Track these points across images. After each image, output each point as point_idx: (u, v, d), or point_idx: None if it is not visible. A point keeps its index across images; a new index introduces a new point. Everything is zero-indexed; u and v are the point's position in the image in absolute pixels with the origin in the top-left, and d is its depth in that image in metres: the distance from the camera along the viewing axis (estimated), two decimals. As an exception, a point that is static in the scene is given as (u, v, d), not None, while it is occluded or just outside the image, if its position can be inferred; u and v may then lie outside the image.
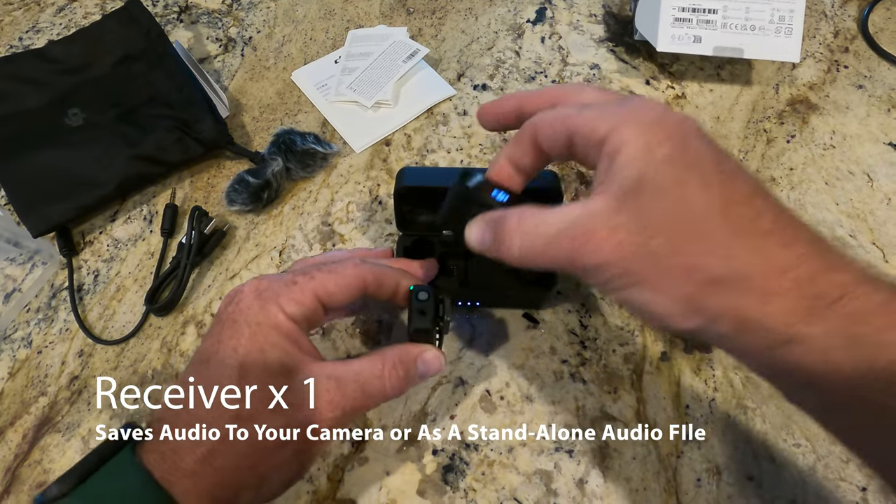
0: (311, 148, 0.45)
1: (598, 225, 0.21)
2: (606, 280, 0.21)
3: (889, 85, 0.49)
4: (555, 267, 0.23)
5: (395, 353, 0.27)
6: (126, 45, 0.48)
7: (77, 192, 0.42)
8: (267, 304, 0.25)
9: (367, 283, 0.28)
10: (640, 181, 0.20)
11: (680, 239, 0.20)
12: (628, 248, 0.20)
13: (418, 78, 0.51)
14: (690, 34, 0.47)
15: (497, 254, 0.25)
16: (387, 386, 0.26)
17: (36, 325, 0.41)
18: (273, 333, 0.24)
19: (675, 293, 0.20)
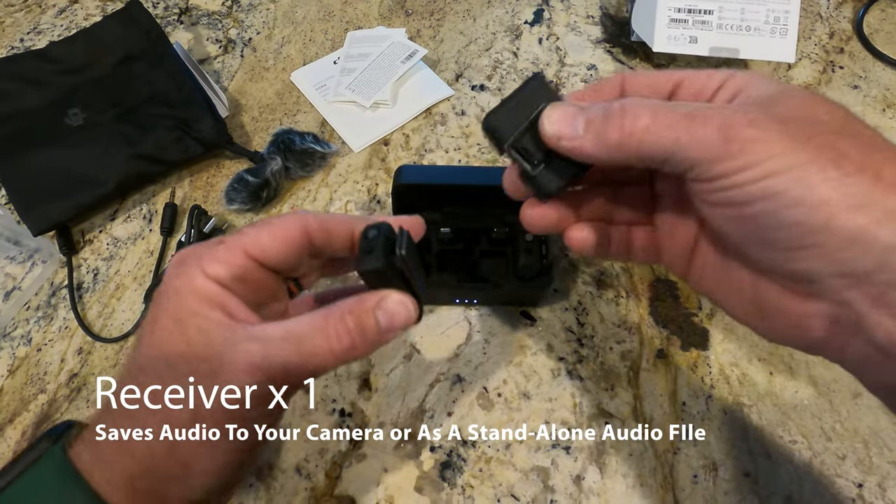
0: (309, 147, 0.45)
1: (755, 108, 0.18)
2: (759, 160, 0.17)
3: (884, 85, 0.50)
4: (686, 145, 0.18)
5: (346, 304, 0.22)
6: (126, 45, 0.48)
7: (77, 190, 0.43)
8: (188, 269, 0.21)
9: (311, 230, 0.23)
10: (782, 94, 0.19)
11: (841, 132, 0.18)
12: (794, 128, 0.18)
13: (417, 78, 0.51)
14: (686, 35, 0.47)
15: (600, 133, 0.20)
16: (332, 341, 0.21)
17: (35, 323, 0.41)
18: (190, 299, 0.21)
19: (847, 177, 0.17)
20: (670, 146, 0.19)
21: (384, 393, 0.37)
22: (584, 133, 0.20)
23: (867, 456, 0.34)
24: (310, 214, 0.24)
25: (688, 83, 0.22)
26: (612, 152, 0.20)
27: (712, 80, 0.21)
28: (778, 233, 0.18)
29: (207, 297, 0.21)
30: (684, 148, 0.18)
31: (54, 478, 0.20)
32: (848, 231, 0.17)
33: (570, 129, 0.20)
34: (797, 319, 0.19)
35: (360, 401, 0.37)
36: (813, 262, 0.18)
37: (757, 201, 0.18)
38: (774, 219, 0.18)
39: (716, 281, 0.23)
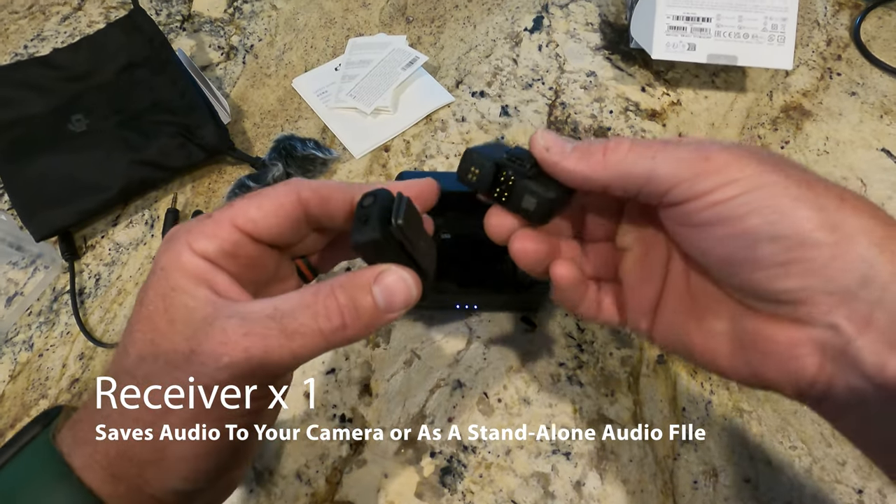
0: (311, 153, 0.46)
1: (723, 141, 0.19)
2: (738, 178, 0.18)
3: (881, 92, 0.50)
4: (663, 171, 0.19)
5: (340, 278, 0.20)
6: (130, 52, 0.49)
7: (80, 196, 0.43)
8: (174, 244, 0.20)
9: (305, 199, 0.21)
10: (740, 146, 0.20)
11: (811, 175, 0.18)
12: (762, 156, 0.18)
13: (417, 85, 0.52)
14: (685, 42, 0.47)
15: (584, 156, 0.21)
16: (321, 319, 0.19)
17: (37, 329, 0.41)
18: (176, 276, 0.19)
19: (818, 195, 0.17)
20: (650, 164, 0.19)
21: (384, 398, 0.37)
22: (571, 152, 0.21)
23: (867, 462, 0.34)
24: (305, 182, 0.22)
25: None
26: (595, 171, 0.20)
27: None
28: (763, 248, 0.18)
29: (193, 273, 0.20)
30: (664, 165, 0.19)
31: (39, 463, 0.20)
32: (828, 246, 0.17)
33: (559, 145, 0.21)
34: (786, 350, 0.19)
35: (361, 406, 0.37)
36: (800, 278, 0.18)
37: (740, 217, 0.18)
38: (757, 234, 0.18)
39: (687, 330, 0.22)
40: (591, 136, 0.49)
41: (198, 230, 0.20)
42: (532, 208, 0.22)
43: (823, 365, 0.18)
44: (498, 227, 0.24)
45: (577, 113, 0.50)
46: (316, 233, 0.23)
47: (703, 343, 0.22)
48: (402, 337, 0.39)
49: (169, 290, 0.19)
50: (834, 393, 0.18)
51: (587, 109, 0.50)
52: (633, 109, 0.50)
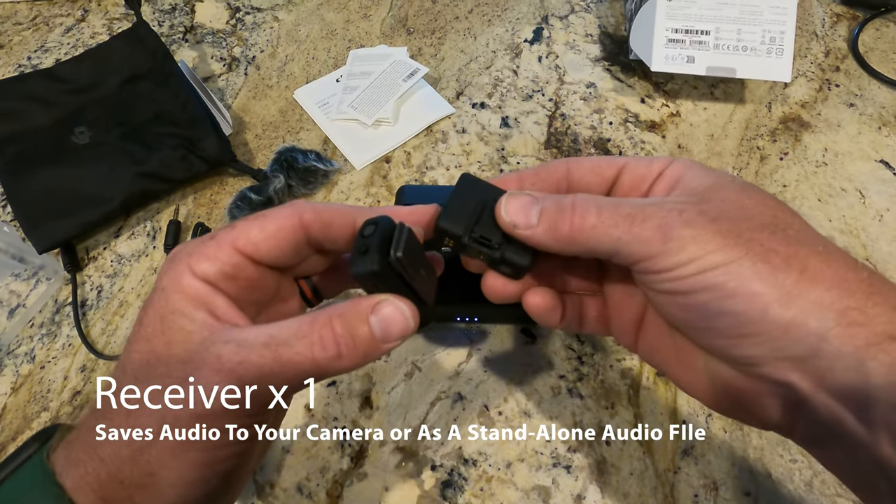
0: (312, 165, 0.46)
1: (689, 205, 0.20)
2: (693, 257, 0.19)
3: (879, 103, 0.51)
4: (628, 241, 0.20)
5: (337, 307, 0.19)
6: (133, 64, 0.49)
7: (82, 208, 0.43)
8: (176, 265, 0.20)
9: (307, 222, 0.21)
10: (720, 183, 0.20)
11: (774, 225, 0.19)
12: (725, 224, 0.19)
13: (418, 96, 0.52)
14: (684, 54, 0.48)
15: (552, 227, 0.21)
16: (316, 349, 0.19)
17: (39, 341, 0.41)
18: (175, 298, 0.19)
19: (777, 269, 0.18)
20: (615, 243, 0.20)
21: (385, 411, 0.37)
22: (537, 223, 0.21)
23: (867, 475, 0.34)
24: (307, 205, 0.21)
25: (629, 169, 0.23)
26: (562, 244, 0.21)
27: (652, 167, 0.22)
28: (718, 321, 0.19)
29: (193, 296, 0.20)
30: (627, 245, 0.20)
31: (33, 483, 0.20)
32: (781, 321, 0.18)
33: (525, 218, 0.21)
34: (751, 397, 0.20)
35: (362, 419, 0.37)
36: (753, 348, 0.19)
37: (698, 292, 0.19)
38: (714, 308, 0.19)
39: (667, 357, 0.23)
40: (591, 147, 0.49)
41: (199, 252, 0.20)
42: (510, 272, 0.23)
43: (785, 413, 0.20)
44: None
45: (577, 124, 0.50)
46: (318, 254, 0.23)
47: (683, 374, 0.23)
48: (402, 349, 0.39)
49: (168, 313, 0.19)
50: (799, 433, 0.20)
51: (587, 121, 0.50)
52: (632, 121, 0.50)
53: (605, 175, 0.23)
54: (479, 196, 0.23)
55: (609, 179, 0.23)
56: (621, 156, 0.24)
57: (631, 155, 0.48)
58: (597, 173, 0.23)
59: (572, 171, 0.24)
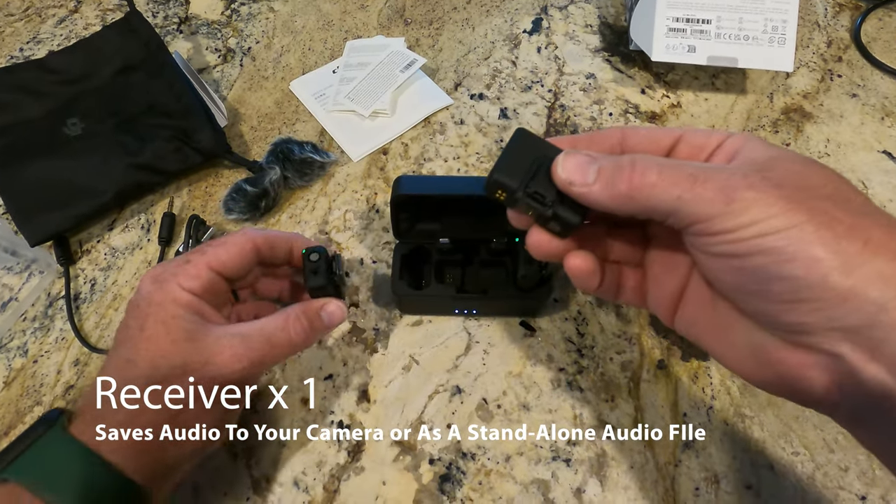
0: (308, 157, 0.45)
1: (752, 171, 0.19)
2: (756, 219, 0.18)
3: (882, 93, 0.50)
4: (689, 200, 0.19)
5: (299, 307, 0.29)
6: (126, 55, 0.48)
7: (75, 201, 0.43)
8: (165, 284, 0.27)
9: (258, 245, 0.30)
10: (782, 156, 0.20)
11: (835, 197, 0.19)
12: (788, 190, 0.19)
13: (415, 87, 0.51)
14: (685, 44, 0.47)
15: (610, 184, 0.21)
16: (291, 335, 0.28)
17: (32, 335, 0.40)
18: (173, 307, 0.27)
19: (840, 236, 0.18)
20: (675, 202, 0.20)
21: (383, 405, 0.37)
22: (594, 181, 0.21)
23: (870, 468, 0.33)
24: (256, 231, 0.31)
25: (687, 139, 0.22)
26: (619, 202, 0.21)
27: (711, 139, 0.22)
28: (774, 285, 0.19)
29: (186, 305, 0.27)
30: (688, 204, 0.20)
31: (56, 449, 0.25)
32: (840, 289, 0.18)
33: (582, 176, 0.22)
34: (795, 370, 0.20)
35: (359, 412, 0.36)
36: (807, 315, 0.19)
37: (756, 255, 0.19)
38: (772, 272, 0.19)
39: (707, 329, 0.23)
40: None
41: (182, 272, 0.28)
42: (558, 230, 0.24)
43: (831, 387, 0.19)
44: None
45: (577, 115, 0.50)
46: (258, 267, 0.32)
47: (724, 348, 0.23)
48: (400, 342, 0.39)
49: (169, 319, 0.26)
50: (843, 410, 0.20)
51: (586, 112, 0.50)
52: (632, 111, 0.50)
53: (661, 143, 0.23)
54: (534, 152, 0.23)
55: (665, 148, 0.23)
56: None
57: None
58: (653, 141, 0.23)
59: (627, 137, 0.24)
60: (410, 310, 0.40)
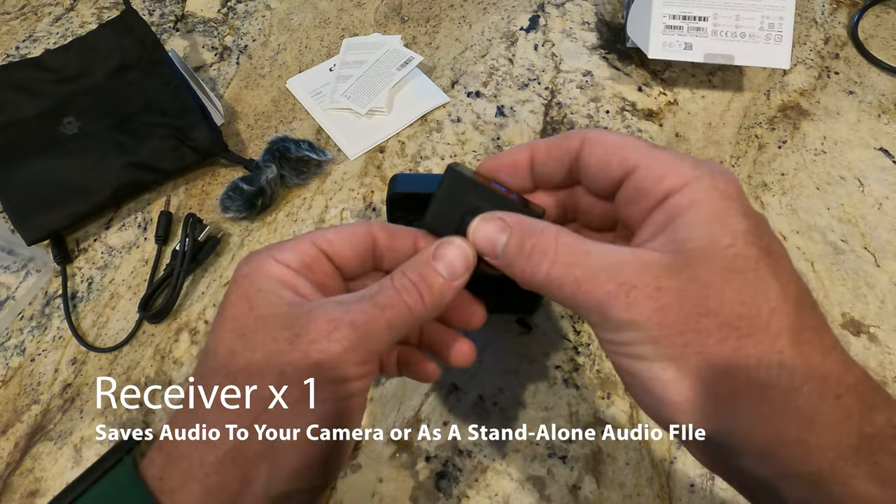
0: (305, 155, 0.45)
1: (646, 279, 0.18)
2: (626, 342, 0.18)
3: (879, 91, 0.50)
4: (574, 305, 0.20)
5: (405, 265, 0.22)
6: (122, 53, 0.48)
7: (71, 199, 0.43)
8: (256, 256, 0.22)
9: (375, 234, 0.24)
10: (709, 249, 0.18)
11: (737, 326, 0.17)
12: (670, 316, 0.17)
13: (412, 85, 0.51)
14: (681, 41, 0.47)
15: (510, 266, 0.21)
16: (403, 293, 0.21)
17: (29, 333, 0.40)
18: (260, 280, 0.21)
19: (704, 384, 0.17)
20: (567, 300, 0.20)
21: (379, 402, 0.37)
22: (501, 256, 0.21)
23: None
24: (376, 223, 0.25)
25: (639, 176, 0.20)
26: (523, 283, 0.21)
27: (664, 182, 0.19)
28: (640, 396, 0.20)
29: (277, 277, 0.21)
30: (576, 307, 0.20)
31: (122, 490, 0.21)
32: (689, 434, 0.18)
33: (491, 248, 0.21)
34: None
35: (356, 410, 0.36)
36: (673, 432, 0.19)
37: (624, 371, 0.19)
38: (635, 391, 0.19)
39: None
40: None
41: (279, 246, 0.22)
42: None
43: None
44: None
45: (574, 113, 0.50)
46: (376, 271, 0.25)
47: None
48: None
49: (254, 293, 0.21)
50: None
51: (583, 109, 0.50)
52: (629, 109, 0.50)
53: (611, 175, 0.21)
54: (465, 196, 0.23)
55: (615, 181, 0.21)
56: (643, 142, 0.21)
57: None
58: (604, 169, 0.21)
59: (584, 154, 0.22)
60: (407, 308, 0.40)
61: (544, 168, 0.23)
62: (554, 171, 0.23)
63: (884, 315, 0.39)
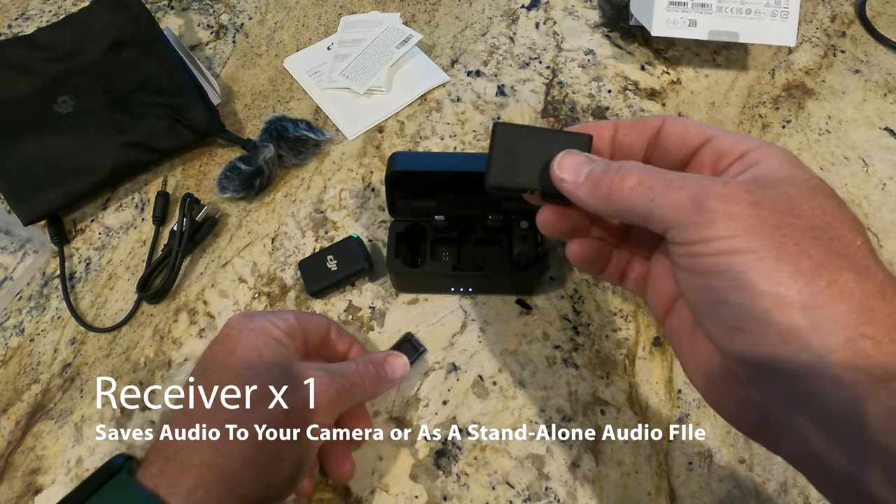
0: (303, 135, 0.45)
1: (737, 184, 0.18)
2: (719, 236, 0.18)
3: (886, 69, 0.49)
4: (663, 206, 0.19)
5: (366, 357, 0.32)
6: (116, 31, 0.47)
7: (67, 179, 0.42)
8: (256, 318, 0.29)
9: (329, 329, 0.33)
10: (791, 179, 0.19)
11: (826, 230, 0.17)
12: (765, 211, 0.17)
13: (411, 64, 0.50)
14: (686, 18, 0.46)
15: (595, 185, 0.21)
16: (365, 379, 0.30)
17: (28, 313, 0.40)
18: (265, 336, 0.28)
19: (804, 274, 0.17)
20: (648, 205, 0.20)
21: (379, 382, 0.37)
22: (583, 181, 0.22)
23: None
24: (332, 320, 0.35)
25: (715, 143, 0.21)
26: (599, 203, 0.21)
27: (737, 146, 0.21)
28: (721, 308, 0.18)
29: (276, 337, 0.29)
30: (660, 208, 0.19)
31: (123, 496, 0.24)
32: (782, 328, 0.17)
33: (574, 175, 0.22)
34: (736, 404, 0.20)
35: (355, 390, 0.37)
36: (745, 347, 0.18)
37: (711, 274, 0.18)
38: (721, 295, 0.18)
39: (682, 341, 0.23)
40: (589, 116, 0.48)
41: (272, 314, 0.31)
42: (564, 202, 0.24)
43: (769, 429, 0.20)
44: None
45: (575, 92, 0.49)
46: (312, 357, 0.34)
47: (688, 360, 0.23)
48: (396, 320, 0.39)
49: (261, 344, 0.28)
50: (785, 455, 0.20)
51: (585, 89, 0.49)
52: (631, 88, 0.49)
53: (690, 143, 0.22)
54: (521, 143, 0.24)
55: (693, 147, 0.22)
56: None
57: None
58: (683, 138, 0.22)
59: (665, 128, 0.23)
60: (406, 288, 0.40)
61: (626, 139, 0.24)
62: (634, 143, 0.24)
63: (885, 295, 0.39)
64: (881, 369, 0.16)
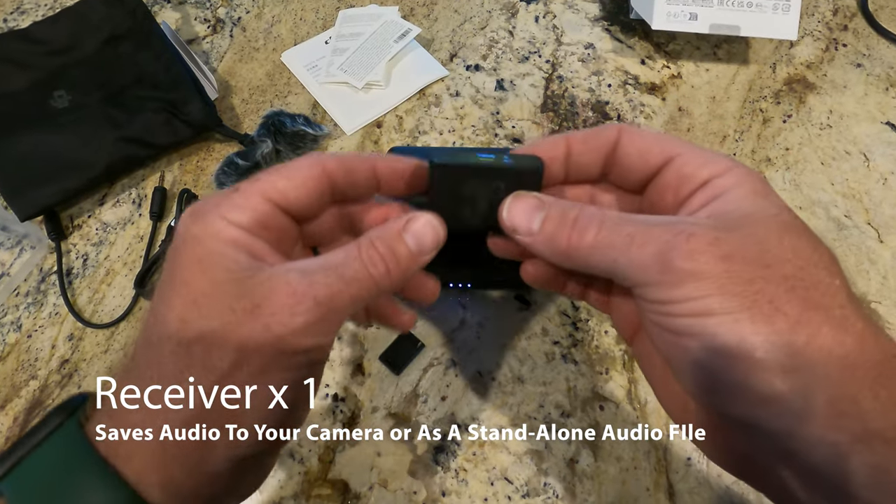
0: (301, 130, 0.45)
1: (703, 229, 0.17)
2: (688, 297, 0.17)
3: (888, 63, 0.49)
4: (625, 265, 0.18)
5: (373, 232, 0.21)
6: (112, 25, 0.47)
7: (64, 175, 0.42)
8: (204, 217, 0.20)
9: (330, 170, 0.21)
10: (759, 215, 0.18)
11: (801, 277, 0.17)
12: (736, 265, 0.17)
13: (410, 58, 0.50)
14: (686, 11, 0.46)
15: (551, 238, 0.20)
16: (368, 266, 0.20)
17: (25, 310, 0.40)
18: (212, 242, 0.19)
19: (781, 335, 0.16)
20: (611, 265, 0.19)
21: (377, 378, 0.37)
22: (538, 232, 0.20)
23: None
24: (328, 154, 0.22)
25: (679, 163, 0.20)
26: (560, 259, 0.20)
27: (702, 170, 0.19)
28: (696, 369, 0.18)
29: (231, 240, 0.19)
30: (624, 268, 0.18)
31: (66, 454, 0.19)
32: (762, 393, 0.16)
33: (527, 224, 0.21)
34: (718, 443, 0.19)
35: (354, 386, 0.36)
36: (722, 406, 0.18)
37: (684, 335, 0.18)
38: (695, 355, 0.17)
39: (653, 368, 0.22)
40: (589, 111, 0.47)
41: (227, 203, 0.20)
42: None
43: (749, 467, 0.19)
44: None
45: (575, 87, 0.49)
46: (335, 206, 0.23)
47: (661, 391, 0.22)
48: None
49: (206, 256, 0.19)
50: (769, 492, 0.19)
51: (585, 83, 0.49)
52: (632, 83, 0.49)
53: (650, 162, 0.21)
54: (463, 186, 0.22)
55: (654, 168, 0.21)
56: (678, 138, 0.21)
57: (630, 119, 0.47)
58: (643, 156, 0.21)
59: (622, 144, 0.22)
60: (405, 284, 0.39)
61: (581, 158, 0.22)
62: (590, 161, 0.22)
63: (886, 291, 0.39)
64: (861, 426, 0.16)
